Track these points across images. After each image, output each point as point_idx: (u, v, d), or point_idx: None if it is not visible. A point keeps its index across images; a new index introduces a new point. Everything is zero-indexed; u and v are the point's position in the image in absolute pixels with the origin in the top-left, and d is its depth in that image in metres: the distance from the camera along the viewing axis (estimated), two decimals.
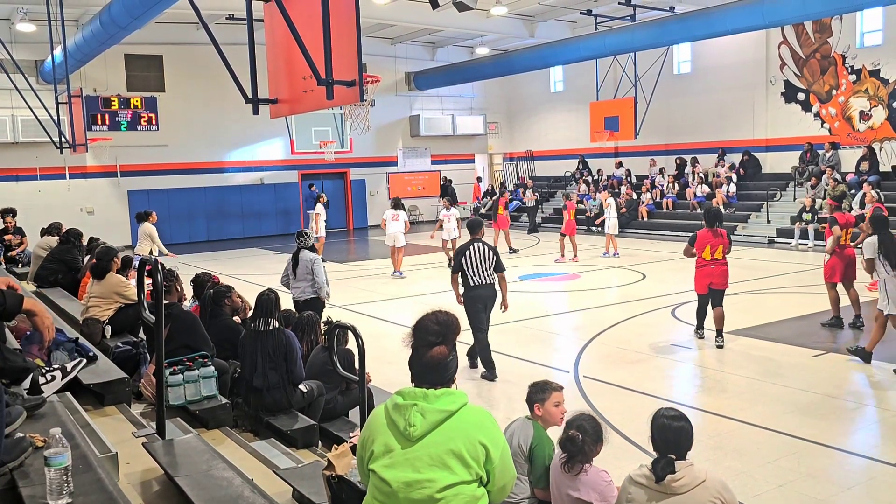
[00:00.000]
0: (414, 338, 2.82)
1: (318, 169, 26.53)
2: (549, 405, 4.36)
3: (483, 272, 8.47)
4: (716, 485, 3.42)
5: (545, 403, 4.37)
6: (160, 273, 4.39)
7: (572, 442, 3.95)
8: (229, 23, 19.90)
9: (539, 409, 4.37)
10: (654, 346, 9.87)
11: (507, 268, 8.93)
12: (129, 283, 7.48)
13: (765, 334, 10.04)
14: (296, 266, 9.24)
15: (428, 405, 2.69)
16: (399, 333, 9.07)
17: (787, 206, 20.15)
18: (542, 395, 4.40)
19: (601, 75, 24.51)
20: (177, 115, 24.04)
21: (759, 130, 22.57)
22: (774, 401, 7.47)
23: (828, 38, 20.64)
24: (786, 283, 13.79)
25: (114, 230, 21.06)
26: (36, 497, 2.93)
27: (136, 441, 4.34)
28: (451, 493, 2.64)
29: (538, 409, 4.38)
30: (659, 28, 19.48)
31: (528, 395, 4.46)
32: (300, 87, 6.47)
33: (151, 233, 13.97)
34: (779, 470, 5.82)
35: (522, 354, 9.57)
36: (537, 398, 4.40)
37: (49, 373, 4.66)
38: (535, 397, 4.42)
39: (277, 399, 5.80)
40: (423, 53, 28.66)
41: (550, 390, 4.42)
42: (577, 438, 3.95)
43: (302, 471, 4.19)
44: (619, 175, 25.58)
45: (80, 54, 17.99)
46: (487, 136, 30.88)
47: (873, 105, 19.91)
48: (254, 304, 6.19)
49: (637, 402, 7.54)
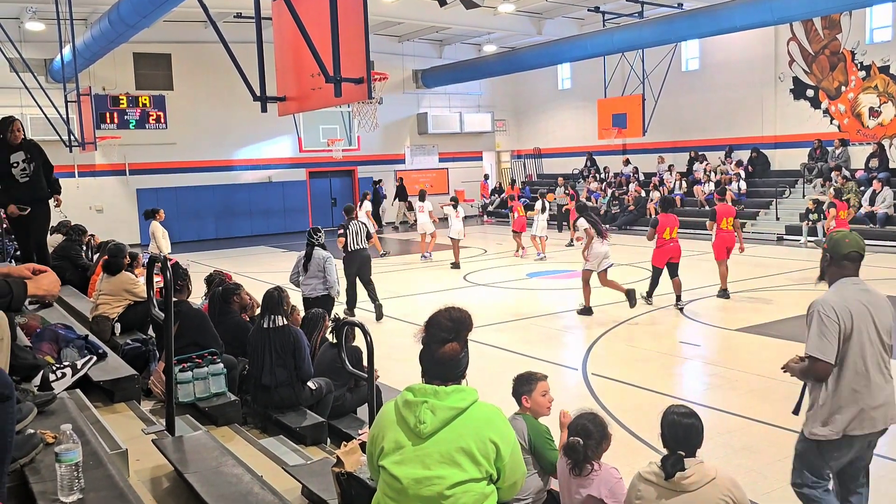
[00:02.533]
0: (426, 333, 2.81)
1: (326, 167, 26.55)
2: (537, 395, 4.36)
3: (359, 241, 11.50)
4: (726, 482, 3.39)
5: (532, 394, 4.37)
6: (170, 271, 4.39)
7: (574, 450, 3.92)
8: (237, 21, 19.92)
9: (527, 401, 4.37)
10: (663, 343, 9.85)
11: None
12: (138, 280, 7.51)
13: (774, 331, 10.00)
14: (308, 263, 9.27)
15: (438, 402, 2.68)
16: (407, 330, 9.10)
17: (797, 203, 20.07)
18: (528, 387, 4.39)
19: (609, 72, 24.45)
20: (185, 114, 24.10)
21: (768, 127, 22.47)
22: (784, 398, 7.41)
23: (837, 35, 20.53)
24: (795, 281, 13.74)
25: (122, 228, 21.14)
26: (47, 493, 2.94)
27: (146, 438, 4.34)
28: (460, 491, 2.63)
29: (526, 401, 4.38)
30: (667, 25, 19.42)
31: (514, 389, 4.45)
32: (308, 85, 6.49)
33: (156, 231, 14.03)
34: (789, 468, 5.76)
35: (530, 352, 9.55)
36: (524, 390, 4.40)
37: (59, 370, 4.68)
38: (521, 389, 4.42)
39: (286, 396, 5.81)
40: (430, 51, 28.64)
41: (536, 381, 4.42)
42: (577, 445, 3.91)
43: (311, 468, 4.19)
44: (627, 172, 25.52)
45: (88, 53, 18.06)
46: (495, 133, 30.85)
47: (883, 101, 19.81)
48: (261, 302, 6.21)
49: (646, 400, 7.52)
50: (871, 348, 3.96)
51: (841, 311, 3.91)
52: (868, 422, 3.99)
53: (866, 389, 3.96)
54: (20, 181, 7.32)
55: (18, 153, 7.28)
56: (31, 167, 7.35)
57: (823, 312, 3.93)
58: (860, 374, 3.95)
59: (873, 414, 3.99)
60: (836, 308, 3.92)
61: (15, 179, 7.30)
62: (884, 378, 4.01)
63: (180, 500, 3.76)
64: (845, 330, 3.91)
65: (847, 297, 3.98)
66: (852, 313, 3.92)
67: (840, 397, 3.97)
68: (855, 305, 3.95)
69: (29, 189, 7.40)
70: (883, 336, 4.01)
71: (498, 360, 9.18)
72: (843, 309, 3.92)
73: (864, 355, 3.95)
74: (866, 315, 3.96)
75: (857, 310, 3.94)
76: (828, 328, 3.89)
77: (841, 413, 3.97)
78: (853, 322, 3.92)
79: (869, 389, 3.96)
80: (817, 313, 3.95)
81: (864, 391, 3.96)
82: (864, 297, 4.00)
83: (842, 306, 3.93)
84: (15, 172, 7.27)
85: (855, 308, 3.94)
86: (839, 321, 3.90)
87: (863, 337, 3.94)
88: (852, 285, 4.02)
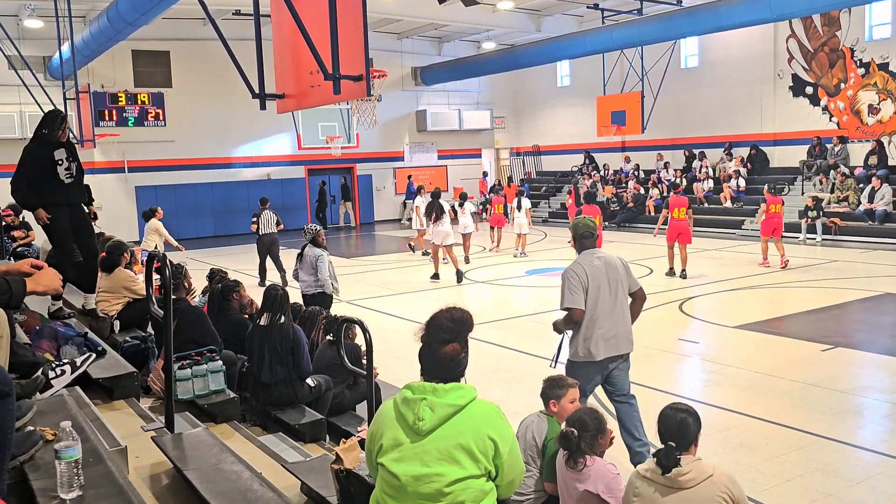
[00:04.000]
0: (427, 333, 2.81)
1: (324, 164, 26.54)
2: (566, 402, 4.32)
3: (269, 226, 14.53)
4: (723, 479, 3.41)
5: (561, 400, 4.34)
6: (168, 268, 4.40)
7: (567, 439, 3.93)
8: (236, 18, 19.92)
9: (555, 406, 4.34)
10: (662, 340, 9.86)
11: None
12: (137, 277, 7.51)
13: (773, 328, 10.02)
14: (301, 260, 9.27)
15: (437, 399, 2.69)
16: (406, 328, 9.11)
17: (796, 201, 20.06)
18: (559, 392, 4.36)
19: (608, 69, 24.44)
20: (184, 111, 24.08)
21: (767, 124, 22.47)
22: (783, 395, 7.46)
23: (836, 32, 20.52)
24: (793, 278, 13.75)
25: (121, 226, 21.10)
26: (47, 490, 2.94)
27: (146, 435, 4.35)
28: (459, 488, 2.64)
29: (554, 406, 4.35)
30: (666, 22, 19.41)
31: (544, 391, 4.43)
32: (307, 82, 6.48)
33: (159, 228, 14.11)
34: (787, 464, 5.82)
35: (529, 349, 9.56)
36: (553, 394, 4.37)
37: (59, 367, 4.68)
38: (551, 393, 4.38)
39: (285, 394, 5.81)
40: (429, 48, 28.61)
41: (567, 387, 4.38)
42: (571, 435, 3.92)
43: (310, 465, 4.19)
44: (628, 170, 25.53)
45: (87, 50, 18.04)
46: (494, 130, 30.83)
47: (882, 99, 19.80)
48: (262, 299, 6.21)
49: (645, 397, 7.48)
50: (605, 296, 5.46)
51: (580, 273, 5.45)
52: (605, 348, 5.49)
53: (606, 324, 5.46)
54: (65, 182, 6.43)
55: (60, 150, 6.42)
56: (73, 167, 6.49)
57: (569, 276, 5.48)
58: (595, 313, 5.43)
59: (611, 342, 5.50)
60: (577, 271, 5.47)
61: (59, 180, 6.39)
62: (617, 316, 5.51)
63: (179, 497, 3.77)
64: (585, 284, 5.42)
65: (585, 262, 5.51)
66: (588, 274, 5.43)
67: (587, 331, 5.46)
68: (591, 269, 5.46)
69: (75, 190, 6.56)
70: (613, 287, 5.49)
71: (496, 357, 9.19)
72: (583, 271, 5.45)
73: (600, 301, 5.44)
74: (601, 274, 5.46)
75: (592, 271, 5.45)
76: (574, 286, 5.43)
77: (588, 342, 5.47)
78: (590, 279, 5.43)
79: (606, 324, 5.46)
80: (566, 277, 5.50)
81: (604, 326, 5.46)
82: (599, 262, 5.51)
83: (581, 270, 5.46)
84: (60, 172, 6.39)
85: (591, 270, 5.45)
86: (580, 280, 5.43)
87: (599, 289, 5.44)
88: (590, 255, 5.57)
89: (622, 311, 5.55)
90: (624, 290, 5.55)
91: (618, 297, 5.51)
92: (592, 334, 5.45)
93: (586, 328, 5.45)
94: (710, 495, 3.35)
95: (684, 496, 3.37)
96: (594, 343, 5.45)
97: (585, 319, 5.42)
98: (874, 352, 9.04)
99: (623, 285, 5.53)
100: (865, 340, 9.60)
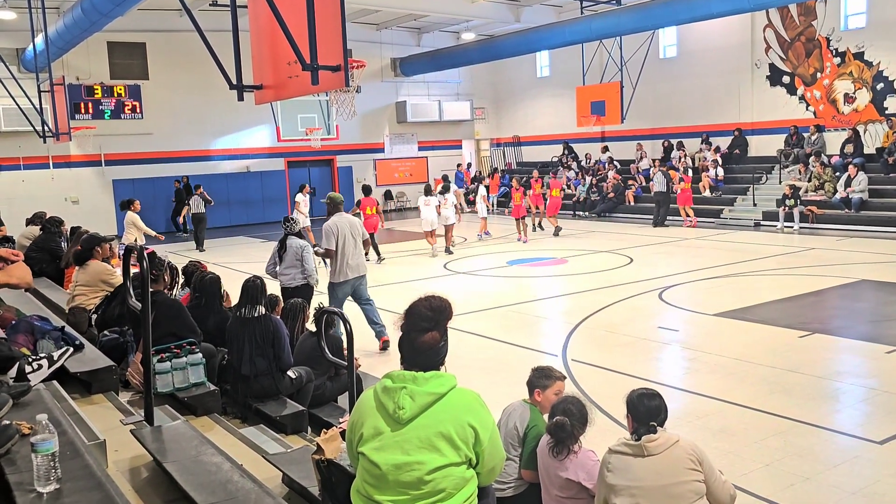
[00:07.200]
0: (406, 322, 2.82)
1: (304, 156, 26.41)
2: (550, 393, 4.34)
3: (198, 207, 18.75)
4: (689, 444, 3.62)
5: (546, 391, 4.35)
6: (146, 260, 4.36)
7: (562, 428, 3.95)
8: (213, 9, 19.68)
9: (539, 395, 4.36)
10: (642, 329, 9.92)
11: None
12: (114, 270, 7.42)
13: (751, 316, 10.10)
14: (283, 252, 9.16)
15: (417, 388, 2.69)
16: (387, 319, 9.08)
17: (773, 189, 20.24)
18: (545, 382, 4.37)
19: (587, 60, 24.47)
20: (161, 103, 23.84)
21: (745, 114, 22.61)
22: (761, 381, 7.53)
23: (812, 21, 20.67)
24: (772, 266, 13.87)
25: (99, 219, 20.93)
26: (23, 484, 2.92)
27: (125, 428, 4.32)
28: (440, 475, 2.65)
29: (538, 395, 4.36)
30: (644, 12, 19.45)
31: (530, 379, 4.44)
32: (285, 73, 6.43)
33: (136, 220, 14.10)
34: (766, 449, 5.88)
35: (510, 339, 9.60)
36: (539, 384, 4.38)
37: (35, 361, 4.63)
38: (537, 382, 4.39)
39: (266, 386, 5.79)
40: (408, 39, 28.51)
41: (554, 379, 4.40)
42: (566, 424, 3.95)
43: (291, 456, 4.18)
44: (604, 160, 25.59)
45: (61, 42, 17.80)
46: (474, 121, 30.82)
47: (858, 88, 19.99)
48: (240, 292, 6.17)
49: (625, 385, 7.49)
50: (349, 240, 8.81)
51: (332, 227, 8.79)
52: (349, 272, 8.88)
53: (350, 257, 8.83)
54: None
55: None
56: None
57: (325, 229, 8.82)
58: (345, 252, 8.79)
59: (352, 267, 8.89)
60: (331, 226, 8.80)
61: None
62: (354, 253, 8.88)
63: (159, 489, 3.75)
64: (336, 234, 8.75)
65: (335, 221, 8.85)
66: (338, 226, 8.80)
67: (338, 262, 8.84)
68: (339, 225, 8.80)
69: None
70: (354, 236, 8.86)
71: (477, 347, 9.21)
72: (335, 225, 8.80)
73: (346, 244, 8.79)
74: (345, 227, 8.80)
75: (340, 226, 8.80)
76: (329, 235, 8.77)
77: (340, 269, 8.85)
78: (339, 230, 8.76)
79: (349, 258, 8.83)
80: (323, 231, 8.84)
81: (349, 258, 8.82)
82: (344, 221, 8.87)
83: (333, 224, 8.82)
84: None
85: (340, 226, 8.80)
86: (332, 231, 8.76)
87: (345, 236, 8.78)
88: (339, 217, 8.92)
89: (359, 250, 8.97)
90: (359, 235, 8.94)
91: (356, 240, 8.90)
92: (342, 263, 8.83)
93: (338, 260, 8.82)
94: (677, 458, 3.55)
95: (655, 461, 3.55)
96: (344, 269, 8.83)
97: (337, 256, 8.78)
98: (851, 337, 9.15)
99: (357, 231, 8.92)
100: (842, 326, 9.72)
